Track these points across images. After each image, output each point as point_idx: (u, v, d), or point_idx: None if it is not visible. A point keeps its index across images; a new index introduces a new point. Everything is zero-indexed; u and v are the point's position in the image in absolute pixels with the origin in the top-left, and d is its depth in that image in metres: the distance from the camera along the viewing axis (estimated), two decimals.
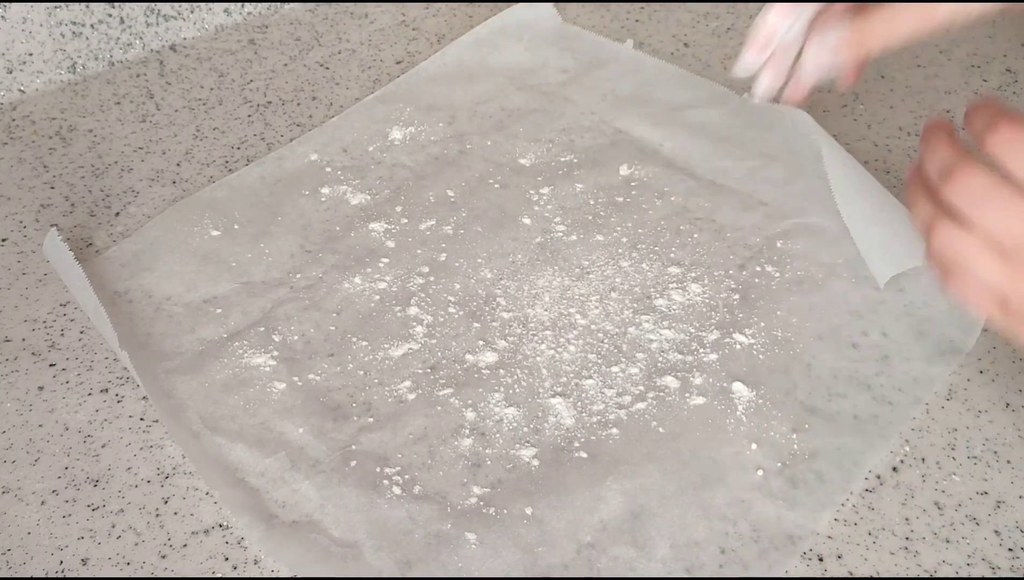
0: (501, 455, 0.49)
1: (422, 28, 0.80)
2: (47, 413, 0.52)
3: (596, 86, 0.73)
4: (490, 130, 0.70)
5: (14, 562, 0.46)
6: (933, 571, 0.45)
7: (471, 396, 0.52)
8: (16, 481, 0.49)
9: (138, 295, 0.58)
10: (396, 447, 0.50)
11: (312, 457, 0.49)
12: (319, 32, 0.80)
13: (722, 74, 0.75)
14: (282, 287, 0.58)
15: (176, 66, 0.77)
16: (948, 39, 0.78)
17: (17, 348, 0.55)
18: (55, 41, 0.73)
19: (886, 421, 0.51)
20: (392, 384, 0.53)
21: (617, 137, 0.69)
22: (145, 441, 0.51)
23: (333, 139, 0.69)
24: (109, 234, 0.62)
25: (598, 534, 0.46)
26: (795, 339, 0.55)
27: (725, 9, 0.82)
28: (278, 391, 0.52)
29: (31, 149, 0.69)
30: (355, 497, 0.47)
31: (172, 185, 0.66)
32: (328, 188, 0.65)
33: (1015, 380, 0.53)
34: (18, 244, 0.62)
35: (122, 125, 0.71)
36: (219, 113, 0.72)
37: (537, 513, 0.47)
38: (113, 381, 0.54)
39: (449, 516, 0.47)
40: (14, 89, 0.73)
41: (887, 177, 0.66)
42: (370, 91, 0.74)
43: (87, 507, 0.48)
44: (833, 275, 0.58)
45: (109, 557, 0.46)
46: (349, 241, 0.61)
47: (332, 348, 0.55)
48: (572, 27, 0.79)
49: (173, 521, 0.47)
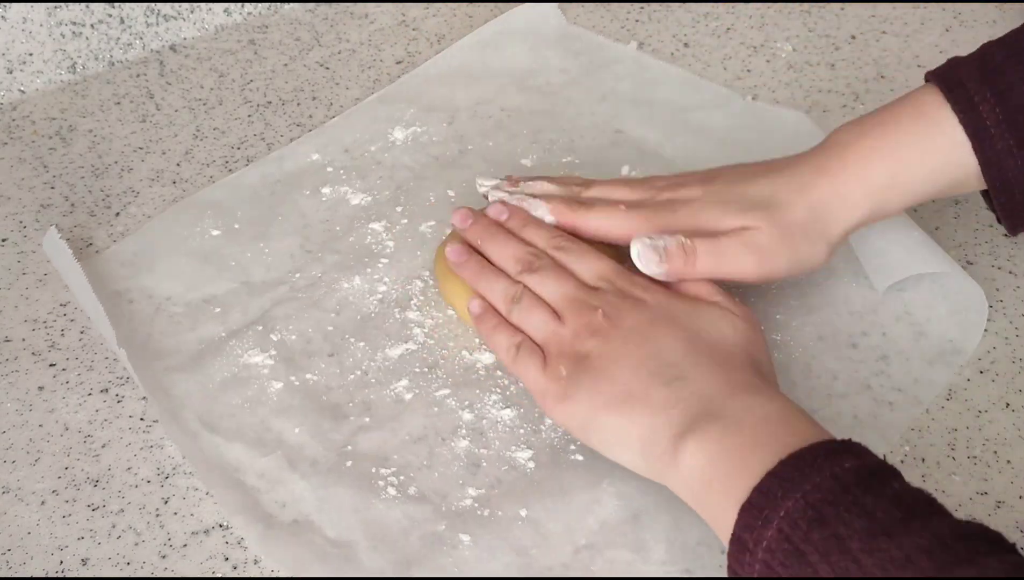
0: (498, 456, 0.49)
1: (422, 28, 0.80)
2: (47, 413, 0.52)
3: (597, 87, 0.73)
4: (491, 131, 0.70)
5: (14, 562, 0.46)
6: None
7: (468, 397, 0.52)
8: (16, 481, 0.49)
9: (138, 294, 0.58)
10: (393, 447, 0.50)
11: (309, 457, 0.49)
12: (319, 32, 0.80)
13: (722, 75, 0.75)
14: (281, 287, 0.58)
15: (176, 66, 0.77)
16: (948, 39, 0.78)
17: (17, 348, 0.55)
18: (55, 41, 0.73)
19: (886, 421, 0.51)
20: (390, 384, 0.53)
21: (618, 138, 0.69)
22: (145, 441, 0.51)
23: (334, 139, 0.69)
24: (109, 234, 0.62)
25: (594, 536, 0.46)
26: (795, 341, 0.55)
27: (725, 9, 0.82)
28: (276, 390, 0.52)
29: (31, 149, 0.69)
30: (351, 497, 0.47)
31: (172, 185, 0.66)
32: (329, 188, 0.65)
33: (1015, 380, 0.53)
34: (18, 244, 0.62)
35: (122, 125, 0.71)
36: (219, 113, 0.72)
37: (532, 515, 0.47)
38: (113, 381, 0.54)
39: (444, 517, 0.47)
40: (14, 89, 0.73)
41: None
42: (370, 91, 0.74)
43: (87, 507, 0.48)
44: (833, 276, 0.58)
45: (109, 557, 0.46)
46: (349, 241, 0.61)
47: (330, 348, 0.55)
48: (576, 28, 0.79)
49: (173, 521, 0.47)
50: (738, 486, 0.40)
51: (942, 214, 0.63)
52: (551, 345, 0.49)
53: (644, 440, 0.44)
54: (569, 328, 0.49)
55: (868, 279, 0.57)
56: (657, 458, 0.44)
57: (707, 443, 0.42)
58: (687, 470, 0.42)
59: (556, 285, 0.50)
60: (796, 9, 0.82)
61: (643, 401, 0.45)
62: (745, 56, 0.77)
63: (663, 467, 0.43)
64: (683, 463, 0.42)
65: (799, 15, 0.81)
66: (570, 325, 0.49)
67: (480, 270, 0.53)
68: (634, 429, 0.44)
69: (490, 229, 0.54)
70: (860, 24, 0.80)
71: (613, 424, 0.45)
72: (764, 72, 0.75)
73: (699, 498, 0.42)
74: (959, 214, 0.63)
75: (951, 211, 0.63)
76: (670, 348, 0.46)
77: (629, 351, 0.47)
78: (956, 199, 0.64)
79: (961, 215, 0.63)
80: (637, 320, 0.48)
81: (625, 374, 0.46)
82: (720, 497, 0.41)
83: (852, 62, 0.76)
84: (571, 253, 0.52)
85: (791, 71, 0.75)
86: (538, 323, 0.50)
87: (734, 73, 0.75)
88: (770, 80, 0.74)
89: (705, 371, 0.45)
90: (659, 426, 0.44)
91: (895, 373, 0.53)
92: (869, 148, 0.50)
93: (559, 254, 0.52)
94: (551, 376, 0.47)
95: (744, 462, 0.40)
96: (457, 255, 0.54)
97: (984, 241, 0.61)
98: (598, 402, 0.46)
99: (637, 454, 0.45)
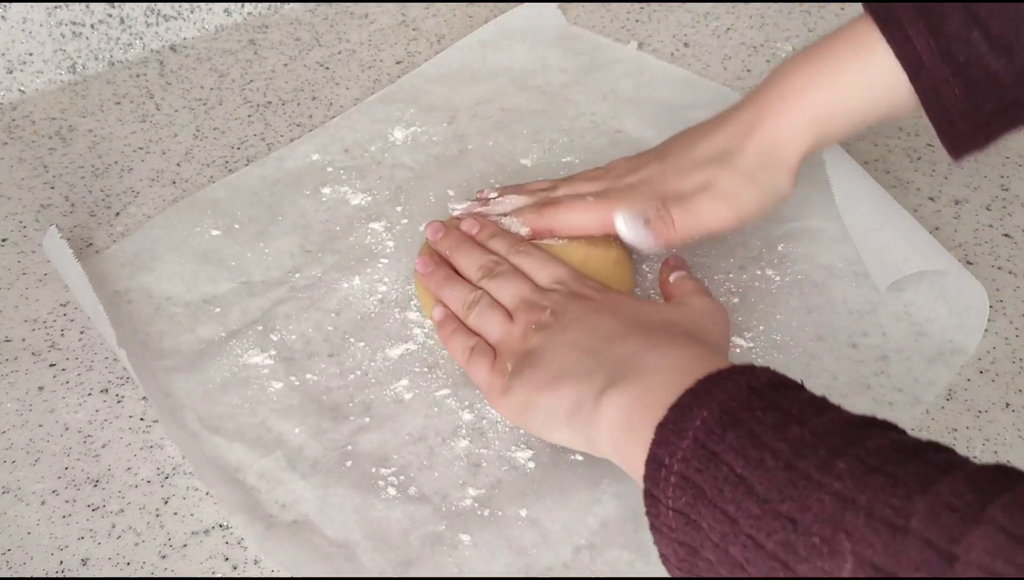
0: (498, 456, 0.49)
1: (422, 28, 0.80)
2: (47, 413, 0.52)
3: (597, 87, 0.73)
4: (491, 130, 0.70)
5: (14, 562, 0.46)
6: None
7: (468, 397, 0.52)
8: (16, 481, 0.49)
9: (138, 295, 0.58)
10: (393, 447, 0.50)
11: (309, 457, 0.49)
12: (319, 32, 0.80)
13: (722, 74, 0.75)
14: (282, 287, 0.58)
15: (176, 66, 0.77)
16: None
17: (17, 348, 0.55)
18: (55, 41, 0.73)
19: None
20: (390, 384, 0.53)
21: (618, 137, 0.69)
22: (145, 441, 0.51)
23: (334, 139, 0.69)
24: (109, 234, 0.62)
25: (594, 536, 0.46)
26: (794, 341, 0.55)
27: (725, 9, 0.82)
28: (276, 390, 0.52)
29: (31, 149, 0.69)
30: (351, 497, 0.47)
31: (172, 185, 0.66)
32: (329, 188, 0.65)
33: (1015, 380, 0.53)
34: (18, 244, 0.62)
35: (122, 125, 0.71)
36: (219, 113, 0.72)
37: (532, 515, 0.47)
38: (113, 381, 0.54)
39: (444, 517, 0.47)
40: (14, 89, 0.73)
41: (887, 177, 0.66)
42: (370, 91, 0.74)
43: (87, 507, 0.48)
44: (833, 276, 0.58)
45: (109, 557, 0.46)
46: (349, 241, 0.61)
47: (331, 348, 0.55)
48: (576, 28, 0.79)
49: (173, 521, 0.47)
50: (655, 415, 0.39)
51: (942, 214, 0.63)
52: (503, 345, 0.50)
53: (570, 411, 0.44)
54: (519, 327, 0.50)
55: (869, 277, 0.57)
56: (582, 423, 0.44)
57: (625, 389, 0.42)
58: (606, 421, 0.42)
59: (512, 288, 0.52)
60: (796, 9, 0.82)
61: (570, 375, 0.45)
62: (745, 56, 0.77)
63: (588, 429, 0.44)
64: (603, 415, 0.43)
65: (799, 15, 0.81)
66: (520, 324, 0.50)
67: (444, 279, 0.54)
68: (562, 404, 0.45)
69: (459, 241, 0.55)
70: None
71: (545, 404, 0.46)
72: (764, 72, 0.75)
73: (619, 444, 0.42)
74: (959, 214, 0.63)
75: (951, 211, 0.63)
76: (606, 326, 0.47)
77: (567, 338, 0.47)
78: (956, 199, 0.64)
79: (961, 215, 0.63)
80: (580, 310, 0.49)
81: (559, 356, 0.47)
82: (638, 433, 0.40)
83: None
84: (529, 257, 0.53)
85: None
86: (493, 326, 0.51)
87: (734, 73, 0.75)
88: None
89: (632, 340, 0.46)
90: (583, 392, 0.44)
91: (895, 373, 0.53)
92: (806, 81, 0.52)
93: (518, 258, 0.54)
94: (497, 371, 0.49)
95: (661, 396, 0.40)
96: (424, 266, 0.55)
97: (984, 241, 0.61)
98: (532, 387, 0.46)
99: (566, 425, 0.45)
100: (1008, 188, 0.65)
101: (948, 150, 0.51)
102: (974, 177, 0.66)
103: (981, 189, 0.65)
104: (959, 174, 0.66)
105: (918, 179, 0.66)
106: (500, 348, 0.50)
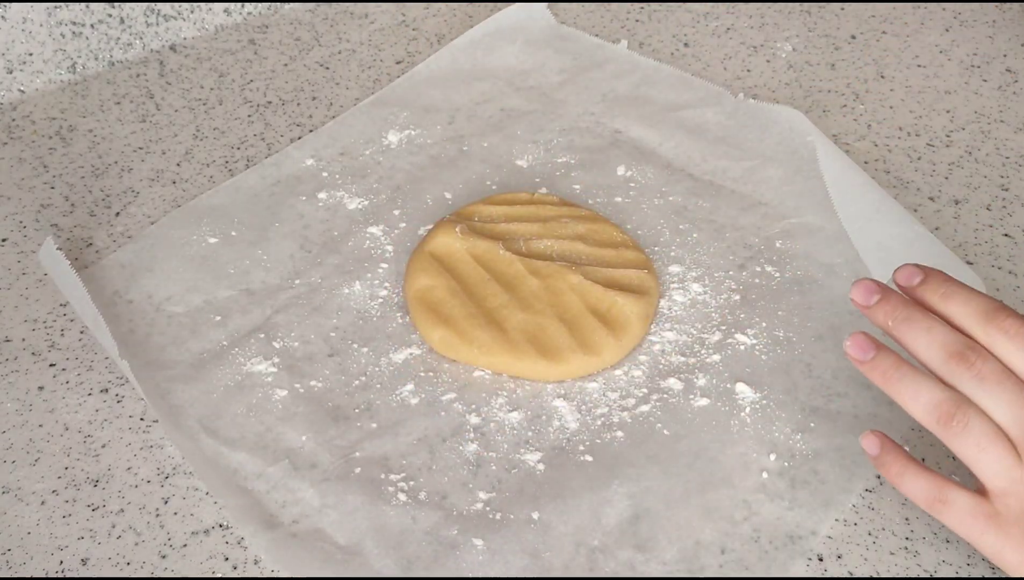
0: (505, 459, 0.49)
1: (422, 28, 0.80)
2: (47, 413, 0.52)
3: (593, 87, 0.73)
4: (488, 131, 0.70)
5: (14, 562, 0.46)
6: (933, 571, 0.45)
7: (475, 400, 0.52)
8: (16, 481, 0.49)
9: (137, 303, 0.57)
10: (400, 452, 0.50)
11: (315, 464, 0.49)
12: (319, 32, 0.80)
13: (722, 74, 0.75)
14: (281, 293, 0.58)
15: (176, 66, 0.77)
16: (948, 39, 0.78)
17: (17, 348, 0.55)
18: (55, 41, 0.73)
19: (886, 421, 0.51)
20: (395, 389, 0.53)
21: (615, 137, 0.69)
22: (145, 441, 0.51)
23: (330, 143, 0.69)
24: (109, 234, 0.62)
25: (605, 538, 0.46)
26: (796, 339, 0.55)
27: (725, 9, 0.82)
28: (280, 398, 0.52)
29: (31, 149, 0.69)
30: (359, 503, 0.47)
31: (172, 185, 0.66)
32: (325, 192, 0.65)
33: None
34: (18, 244, 0.62)
35: (122, 125, 0.71)
36: (219, 113, 0.72)
37: (543, 517, 0.47)
38: (113, 381, 0.54)
39: (455, 521, 0.46)
40: (14, 89, 0.73)
41: (887, 177, 0.66)
42: (370, 91, 0.74)
43: (87, 507, 0.48)
44: (833, 275, 0.58)
45: (109, 557, 0.46)
46: (348, 246, 0.61)
47: (334, 354, 0.55)
48: (566, 28, 0.79)
49: (173, 521, 0.47)
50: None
51: (942, 214, 0.63)
52: (1010, 497, 0.38)
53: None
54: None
55: (869, 270, 0.57)
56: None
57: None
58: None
59: (1012, 404, 0.38)
60: (796, 9, 0.82)
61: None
62: (745, 56, 0.77)
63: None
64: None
65: (799, 15, 0.81)
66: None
67: (896, 373, 0.41)
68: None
69: (904, 308, 0.42)
70: (860, 24, 0.80)
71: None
72: (764, 72, 0.75)
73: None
74: (959, 214, 0.63)
75: (951, 211, 0.63)
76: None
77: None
78: (956, 199, 0.64)
79: (961, 215, 0.63)
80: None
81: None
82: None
83: (852, 62, 0.76)
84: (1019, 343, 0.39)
85: (791, 71, 0.75)
86: (991, 463, 0.38)
87: (734, 73, 0.75)
88: (770, 80, 0.74)
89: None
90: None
91: None
92: None
93: (1005, 345, 0.39)
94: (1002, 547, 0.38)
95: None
96: (862, 351, 0.42)
97: (984, 241, 0.61)
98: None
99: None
100: (1008, 188, 0.65)
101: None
102: (974, 177, 0.66)
103: (981, 189, 0.65)
104: (959, 174, 0.66)
105: (918, 179, 0.66)
106: (1005, 500, 0.38)
